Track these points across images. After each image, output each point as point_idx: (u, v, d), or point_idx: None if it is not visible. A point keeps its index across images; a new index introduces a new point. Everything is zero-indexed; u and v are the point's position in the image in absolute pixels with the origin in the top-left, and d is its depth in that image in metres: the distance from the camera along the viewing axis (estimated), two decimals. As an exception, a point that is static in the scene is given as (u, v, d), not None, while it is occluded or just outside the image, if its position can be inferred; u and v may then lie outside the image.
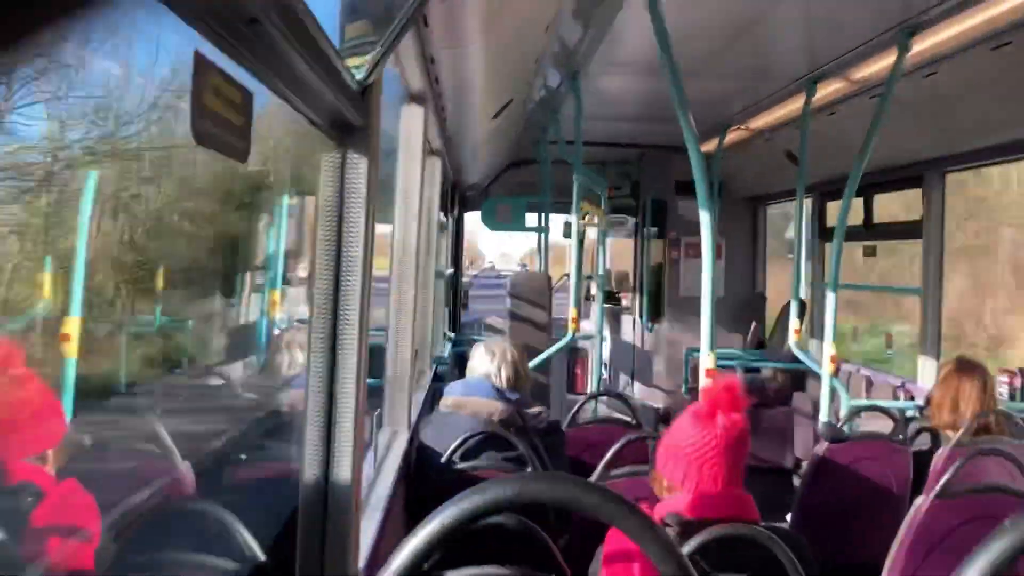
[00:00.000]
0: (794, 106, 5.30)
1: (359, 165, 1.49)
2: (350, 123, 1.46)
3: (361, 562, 1.71)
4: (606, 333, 7.95)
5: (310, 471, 1.51)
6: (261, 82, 0.96)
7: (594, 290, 7.63)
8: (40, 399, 1.60)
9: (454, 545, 1.77)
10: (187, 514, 1.91)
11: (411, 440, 3.14)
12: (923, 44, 3.85)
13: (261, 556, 1.61)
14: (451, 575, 1.59)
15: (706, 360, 3.48)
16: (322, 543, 1.47)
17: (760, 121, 6.16)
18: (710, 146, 6.86)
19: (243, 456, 2.62)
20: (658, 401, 8.13)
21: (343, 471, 1.52)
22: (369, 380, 3.54)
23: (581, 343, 7.57)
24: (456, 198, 7.94)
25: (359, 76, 1.42)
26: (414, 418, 3.37)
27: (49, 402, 1.68)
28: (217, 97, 0.77)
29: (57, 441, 1.64)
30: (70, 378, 2.01)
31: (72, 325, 2.05)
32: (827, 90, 4.91)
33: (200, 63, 0.74)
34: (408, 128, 3.12)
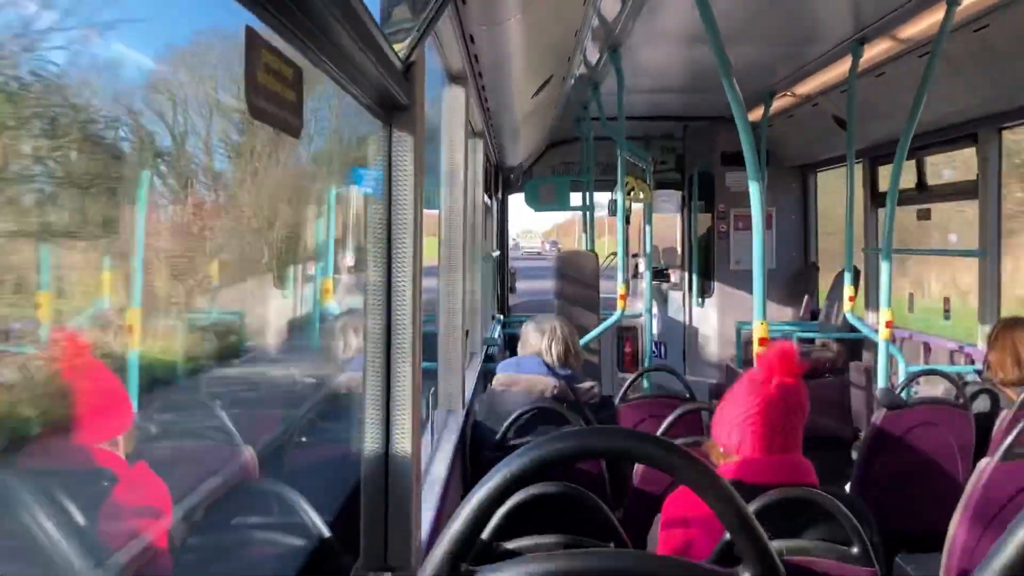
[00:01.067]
0: (840, 69, 5.19)
1: (406, 142, 1.51)
2: (396, 101, 1.47)
3: (424, 534, 1.75)
4: (655, 310, 7.90)
5: (371, 448, 1.54)
6: (309, 60, 0.98)
7: (642, 267, 7.58)
8: (108, 388, 1.66)
9: (516, 516, 1.79)
10: (254, 494, 1.96)
11: (466, 418, 3.18)
12: (974, -4, 3.74)
13: (326, 531, 1.65)
14: (512, 544, 1.61)
15: (758, 329, 3.45)
16: (385, 515, 1.50)
17: (806, 86, 6.04)
18: (756, 115, 6.75)
19: (304, 438, 2.68)
20: (710, 376, 8.07)
21: (403, 447, 1.54)
22: (423, 363, 3.57)
23: (631, 321, 7.54)
24: (499, 180, 7.95)
25: (402, 54, 1.43)
26: (467, 398, 3.40)
27: (117, 390, 1.74)
28: (269, 73, 0.78)
29: (127, 428, 1.69)
30: (134, 368, 2.07)
31: (134, 317, 2.11)
32: (874, 51, 4.79)
33: (252, 38, 0.75)
34: (450, 109, 3.13)
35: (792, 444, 2.04)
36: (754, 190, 3.43)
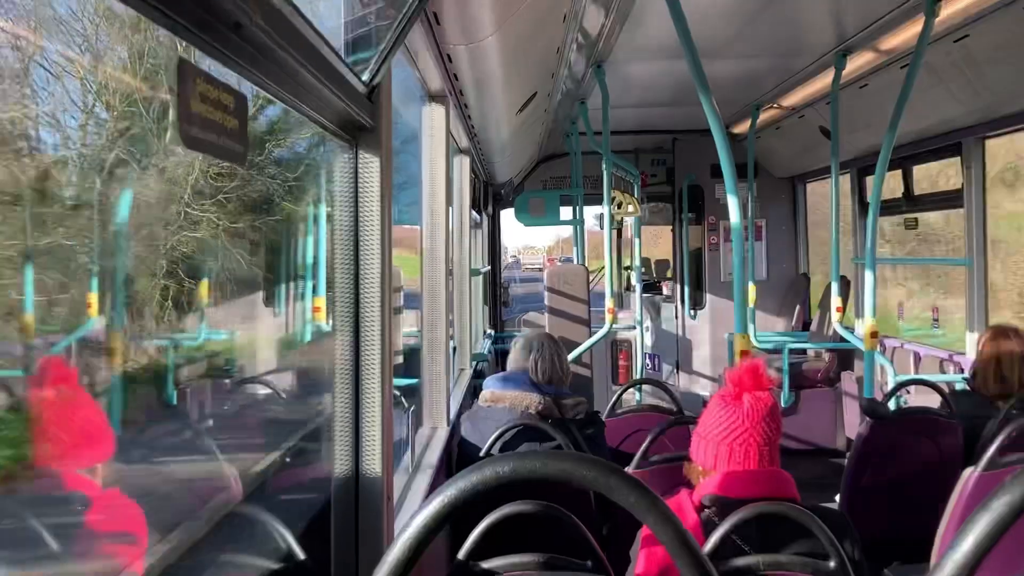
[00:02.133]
0: (825, 81, 5.22)
1: (372, 165, 1.51)
2: (361, 124, 1.48)
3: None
4: (647, 322, 7.91)
5: (340, 469, 1.54)
6: (260, 87, 0.98)
7: (633, 280, 7.59)
8: (92, 418, 1.66)
9: (494, 534, 1.79)
10: (230, 517, 1.95)
11: (451, 435, 3.17)
12: (952, 8, 3.76)
13: (300, 553, 1.64)
14: (487, 564, 1.60)
15: (739, 342, 3.45)
16: (355, 536, 1.50)
17: (792, 98, 6.08)
18: (743, 126, 6.79)
19: (288, 460, 2.67)
20: (703, 388, 8.06)
21: (373, 467, 1.54)
22: (409, 379, 3.55)
23: (623, 333, 7.54)
24: (489, 196, 7.97)
25: (365, 77, 1.44)
26: (453, 414, 3.40)
27: (100, 422, 1.73)
28: (204, 102, 0.79)
29: (106, 459, 1.69)
30: (118, 390, 2.07)
31: (118, 341, 2.11)
32: (857, 62, 4.82)
33: (184, 69, 0.76)
34: (430, 127, 3.14)
35: (769, 457, 2.04)
36: (733, 203, 3.44)
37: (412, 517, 0.77)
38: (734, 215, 3.43)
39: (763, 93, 6.03)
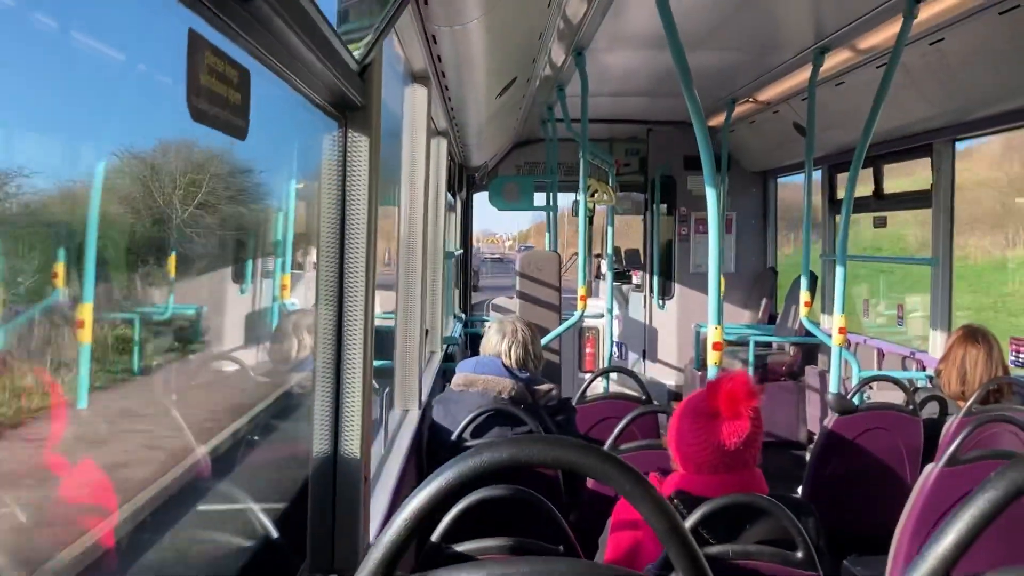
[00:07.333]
0: (801, 77, 5.26)
1: (360, 144, 1.50)
2: (351, 102, 1.46)
3: (372, 537, 1.74)
4: (616, 311, 7.96)
5: (319, 448, 1.54)
6: (259, 61, 0.97)
7: (604, 268, 7.62)
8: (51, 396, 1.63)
9: (469, 518, 1.80)
10: (202, 493, 1.94)
11: (422, 418, 3.17)
12: (930, 11, 3.81)
13: (274, 531, 1.64)
14: (461, 547, 1.61)
15: (712, 334, 3.49)
16: (332, 517, 1.50)
17: (768, 93, 6.12)
18: (718, 120, 6.83)
19: (256, 437, 2.65)
20: (669, 378, 8.14)
21: (352, 448, 1.54)
22: (380, 361, 3.55)
23: (591, 321, 7.58)
24: (463, 179, 7.94)
25: (358, 55, 1.43)
26: (425, 397, 3.40)
27: (57, 397, 1.70)
28: (212, 75, 0.77)
29: (59, 436, 1.66)
30: (85, 364, 2.03)
31: (86, 312, 2.07)
32: (834, 60, 4.87)
33: (194, 41, 0.75)
34: (412, 108, 3.11)
35: (744, 463, 2.03)
36: (711, 195, 3.47)
37: (413, 495, 0.78)
38: (712, 206, 3.46)
39: (739, 87, 6.07)
